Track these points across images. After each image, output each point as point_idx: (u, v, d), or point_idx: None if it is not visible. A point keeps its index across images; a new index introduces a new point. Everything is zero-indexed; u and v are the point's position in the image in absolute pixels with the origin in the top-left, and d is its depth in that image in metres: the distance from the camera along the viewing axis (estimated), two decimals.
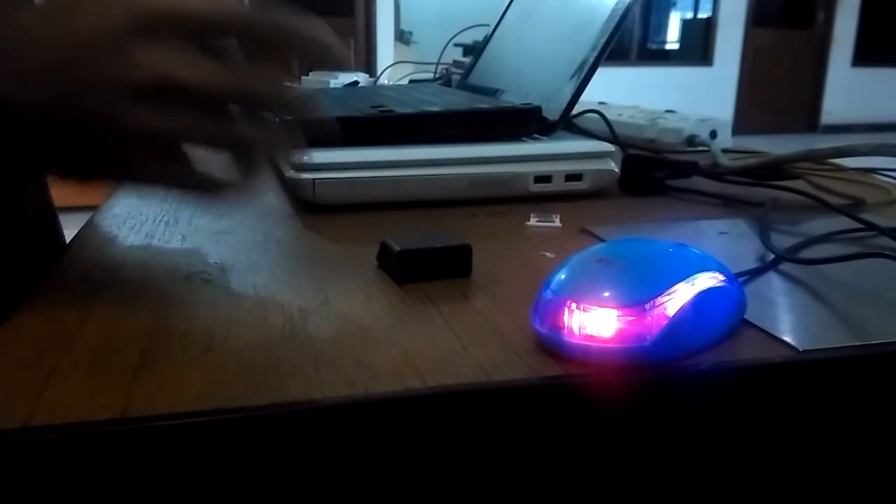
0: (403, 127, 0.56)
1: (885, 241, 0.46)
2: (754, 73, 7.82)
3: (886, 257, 0.40)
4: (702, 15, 8.02)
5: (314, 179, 0.51)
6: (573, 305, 0.30)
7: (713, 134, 0.78)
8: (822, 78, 8.04)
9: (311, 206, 0.52)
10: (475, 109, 0.60)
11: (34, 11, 0.32)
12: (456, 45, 1.39)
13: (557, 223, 0.50)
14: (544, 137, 0.60)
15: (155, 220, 0.50)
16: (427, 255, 0.39)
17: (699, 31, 7.96)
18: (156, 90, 0.32)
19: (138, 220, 0.49)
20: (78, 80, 0.31)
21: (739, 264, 0.39)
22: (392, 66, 1.51)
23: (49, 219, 0.60)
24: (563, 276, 0.31)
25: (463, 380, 0.28)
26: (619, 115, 0.83)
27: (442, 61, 1.20)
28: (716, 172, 0.63)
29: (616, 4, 0.61)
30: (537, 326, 0.31)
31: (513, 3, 0.82)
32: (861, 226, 0.47)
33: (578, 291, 0.30)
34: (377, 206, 0.53)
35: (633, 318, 0.29)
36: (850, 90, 7.99)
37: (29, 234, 0.44)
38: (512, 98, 0.68)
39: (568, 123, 0.65)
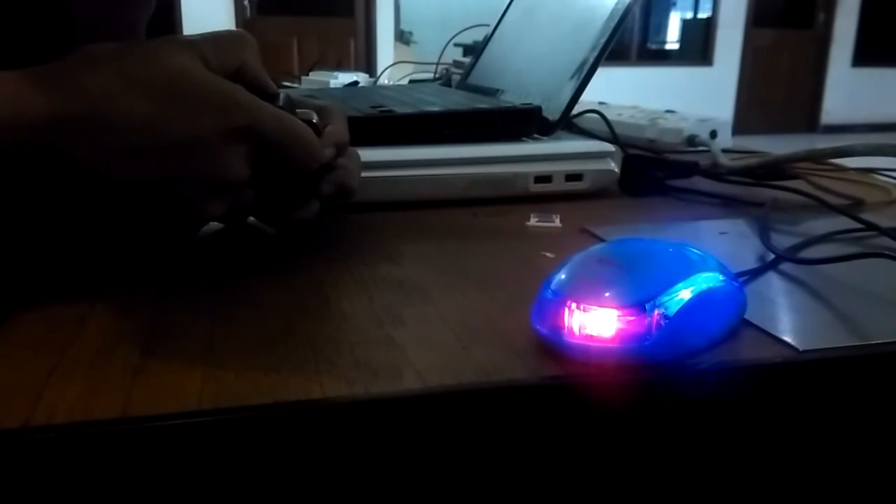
0: (403, 127, 0.56)
1: (885, 241, 0.46)
2: (754, 73, 7.82)
3: (886, 257, 0.40)
4: (702, 15, 8.02)
5: None
6: (573, 305, 0.30)
7: (713, 134, 0.78)
8: (822, 78, 8.04)
9: None
10: (475, 109, 0.60)
11: (139, 99, 0.35)
12: (456, 45, 1.39)
13: (557, 223, 0.50)
14: (544, 137, 0.60)
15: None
16: None
17: (699, 31, 7.96)
18: (232, 187, 0.38)
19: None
20: (170, 172, 0.36)
21: (739, 264, 0.39)
22: (392, 66, 1.51)
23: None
24: (563, 276, 0.31)
25: (463, 380, 0.28)
26: (619, 115, 0.83)
27: (442, 61, 1.20)
28: (716, 172, 0.63)
29: (616, 4, 0.61)
30: (537, 326, 0.31)
31: (513, 3, 0.82)
32: (861, 226, 0.47)
33: (578, 291, 0.30)
34: (377, 207, 0.53)
35: (633, 318, 0.29)
36: (850, 90, 7.99)
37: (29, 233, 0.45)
38: (512, 98, 0.68)
39: (568, 123, 0.65)
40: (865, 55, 7.94)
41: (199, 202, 0.37)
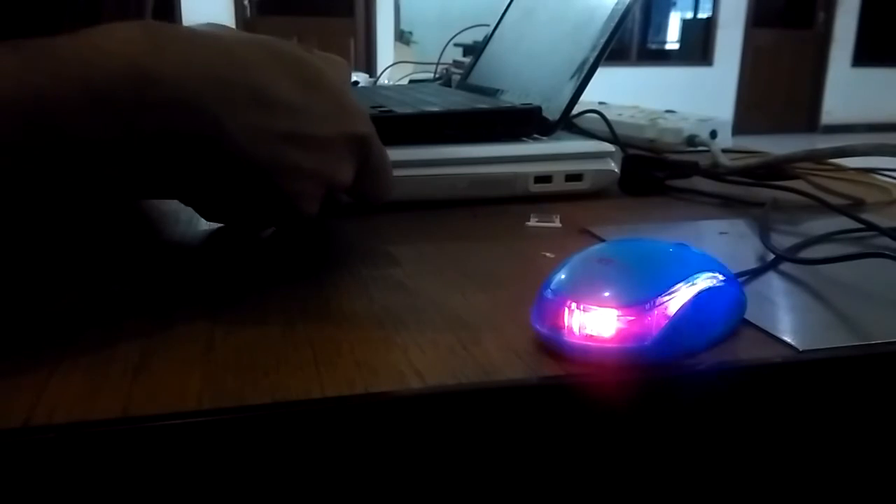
0: (403, 127, 0.56)
1: (885, 241, 0.46)
2: (754, 73, 7.82)
3: (886, 257, 0.40)
4: (702, 15, 8.03)
5: None
6: (573, 305, 0.30)
7: (713, 134, 0.78)
8: (822, 78, 8.05)
9: None
10: (475, 109, 0.60)
11: (289, 86, 0.36)
12: (456, 45, 1.39)
13: (557, 223, 0.50)
14: (544, 137, 0.60)
15: (154, 219, 0.50)
16: None
17: (699, 31, 7.97)
18: (333, 192, 0.39)
19: (138, 218, 0.49)
20: (298, 163, 0.36)
21: (739, 264, 0.39)
22: (392, 66, 1.51)
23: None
24: (563, 276, 0.31)
25: (463, 380, 0.28)
26: (619, 115, 0.83)
27: (442, 61, 1.20)
28: (716, 172, 0.63)
29: (616, 4, 0.61)
30: (537, 326, 0.31)
31: (513, 3, 0.82)
32: (861, 226, 0.47)
33: (578, 291, 0.30)
34: (377, 207, 0.52)
35: (633, 318, 0.29)
36: (850, 90, 7.99)
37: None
38: (512, 98, 0.68)
39: (568, 123, 0.65)
40: (865, 55, 7.95)
41: (303, 198, 0.37)
